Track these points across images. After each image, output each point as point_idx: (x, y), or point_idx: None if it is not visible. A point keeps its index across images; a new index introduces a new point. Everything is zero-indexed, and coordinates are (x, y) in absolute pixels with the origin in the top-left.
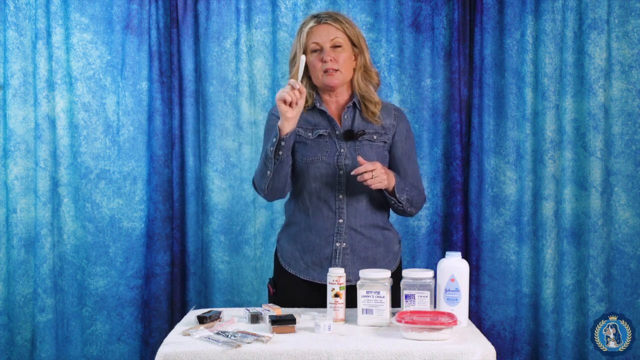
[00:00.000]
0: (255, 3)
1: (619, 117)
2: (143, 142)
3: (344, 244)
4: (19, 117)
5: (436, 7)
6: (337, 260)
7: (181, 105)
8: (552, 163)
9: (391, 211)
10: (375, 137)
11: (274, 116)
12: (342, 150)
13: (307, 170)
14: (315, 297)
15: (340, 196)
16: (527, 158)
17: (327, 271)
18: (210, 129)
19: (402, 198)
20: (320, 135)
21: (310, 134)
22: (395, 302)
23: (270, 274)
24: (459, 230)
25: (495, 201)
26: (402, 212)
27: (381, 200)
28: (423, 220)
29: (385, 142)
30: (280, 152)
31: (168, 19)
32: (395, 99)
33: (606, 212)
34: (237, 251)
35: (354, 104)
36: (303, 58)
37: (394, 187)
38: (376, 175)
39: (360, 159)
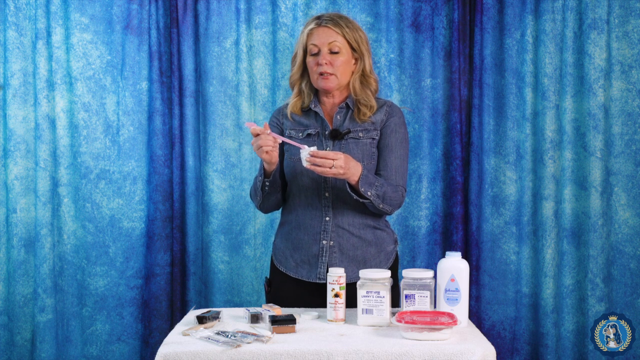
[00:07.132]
0: (255, 3)
1: (619, 117)
2: (143, 142)
3: (332, 242)
4: (19, 117)
5: (436, 7)
6: (324, 258)
7: (181, 105)
8: (552, 163)
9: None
10: (361, 134)
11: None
12: (327, 149)
13: (294, 169)
14: (305, 295)
15: (327, 194)
16: (527, 158)
17: (316, 269)
18: (210, 129)
19: (369, 193)
20: (308, 135)
21: (300, 134)
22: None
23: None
24: (459, 230)
25: (495, 201)
26: (373, 209)
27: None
28: (423, 220)
29: (373, 139)
30: (267, 188)
31: (168, 19)
32: (395, 99)
33: (606, 212)
34: (237, 251)
35: (347, 104)
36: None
37: (357, 181)
38: (336, 165)
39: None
